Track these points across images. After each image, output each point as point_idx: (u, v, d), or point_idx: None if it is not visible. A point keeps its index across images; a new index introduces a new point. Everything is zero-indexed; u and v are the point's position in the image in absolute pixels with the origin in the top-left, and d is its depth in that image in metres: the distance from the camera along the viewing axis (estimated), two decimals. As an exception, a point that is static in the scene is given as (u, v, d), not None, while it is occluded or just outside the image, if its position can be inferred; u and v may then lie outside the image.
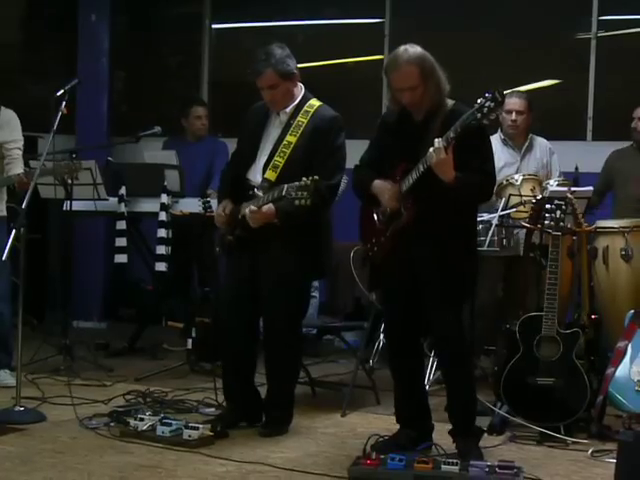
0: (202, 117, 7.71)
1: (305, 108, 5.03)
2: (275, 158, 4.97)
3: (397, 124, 4.68)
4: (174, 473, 4.41)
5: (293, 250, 4.97)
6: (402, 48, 4.53)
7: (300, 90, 5.09)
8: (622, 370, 5.17)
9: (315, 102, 5.08)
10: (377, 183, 4.64)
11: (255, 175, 5.05)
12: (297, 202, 4.65)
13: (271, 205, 4.84)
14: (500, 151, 6.47)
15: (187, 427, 4.84)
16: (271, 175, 4.96)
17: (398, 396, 4.88)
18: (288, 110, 5.03)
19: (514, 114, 6.44)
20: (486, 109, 4.25)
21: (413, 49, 4.52)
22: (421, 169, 4.43)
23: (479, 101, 4.27)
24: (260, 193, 4.90)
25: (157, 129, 6.67)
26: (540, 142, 6.64)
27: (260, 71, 4.92)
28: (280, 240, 4.93)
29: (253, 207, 4.87)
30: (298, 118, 5.01)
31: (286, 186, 4.71)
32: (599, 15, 8.02)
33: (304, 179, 4.66)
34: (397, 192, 4.56)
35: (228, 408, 5.25)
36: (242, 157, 5.14)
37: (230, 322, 5.17)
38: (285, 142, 4.98)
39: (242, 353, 5.16)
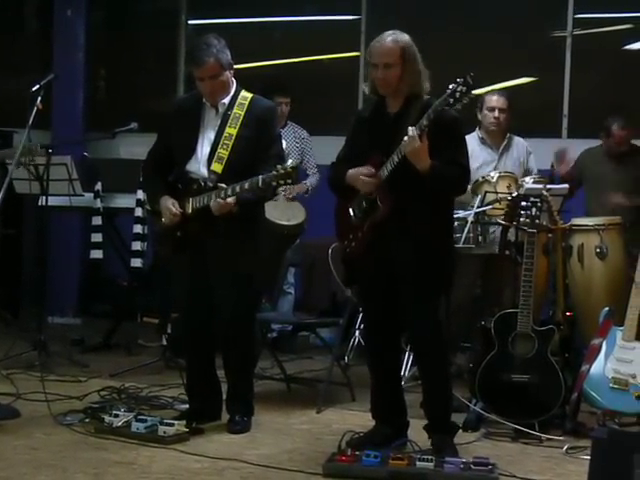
0: None
1: (239, 100, 5.06)
2: (219, 150, 4.99)
3: (372, 117, 4.69)
4: (149, 469, 4.40)
5: (243, 241, 5.00)
6: (391, 31, 4.57)
7: (234, 82, 5.10)
8: (596, 367, 5.18)
9: (247, 94, 5.11)
10: (350, 171, 4.64)
11: (198, 168, 5.04)
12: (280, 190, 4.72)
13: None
14: (478, 150, 6.47)
15: (162, 423, 4.83)
16: (217, 167, 4.98)
17: (374, 392, 4.89)
18: (225, 101, 5.05)
19: (497, 112, 6.43)
20: (458, 94, 4.27)
21: (403, 35, 4.57)
22: (396, 159, 4.44)
23: (451, 87, 4.29)
24: (223, 185, 4.89)
25: (133, 125, 6.64)
26: (518, 142, 6.64)
27: (204, 60, 4.92)
28: (231, 232, 4.94)
29: (219, 200, 4.87)
30: (234, 110, 5.04)
31: (261, 178, 4.76)
32: (575, 13, 8.06)
33: (280, 167, 4.73)
34: (372, 174, 4.55)
35: (191, 405, 5.27)
36: (178, 150, 5.11)
37: (187, 319, 5.22)
38: (226, 134, 5.01)
39: (201, 349, 5.20)
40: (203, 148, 5.05)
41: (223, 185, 4.88)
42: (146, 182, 5.50)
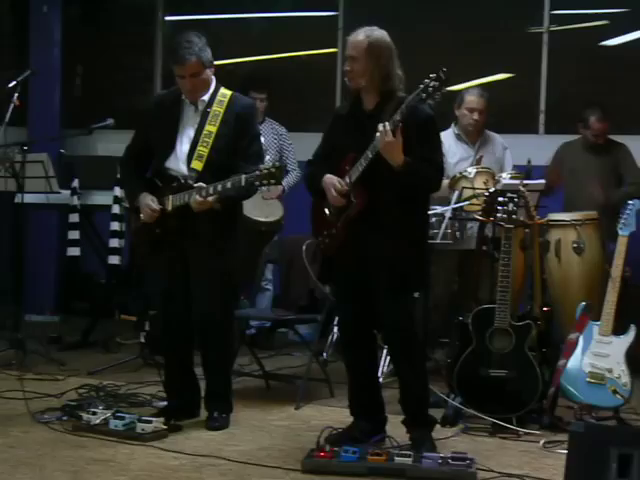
0: None
1: (218, 97, 5.06)
2: (199, 148, 4.99)
3: (348, 114, 4.71)
4: (127, 467, 4.39)
5: (221, 239, 5.01)
6: (370, 27, 4.58)
7: (213, 79, 5.10)
8: (574, 362, 5.22)
9: (226, 91, 5.12)
10: (326, 178, 4.65)
11: (178, 165, 5.04)
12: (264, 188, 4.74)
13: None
14: (454, 146, 6.51)
15: (140, 421, 4.82)
16: (197, 165, 4.98)
17: (352, 388, 4.89)
18: (205, 99, 5.05)
19: (476, 114, 6.46)
20: (431, 89, 4.29)
21: (378, 32, 4.57)
22: (369, 156, 4.44)
23: (424, 81, 4.30)
24: (202, 183, 4.88)
25: (110, 121, 6.61)
26: (494, 138, 6.67)
27: (186, 58, 4.92)
28: (209, 230, 4.95)
29: (199, 198, 4.86)
30: (214, 107, 5.04)
31: (244, 177, 4.77)
32: (551, 9, 8.08)
33: (263, 167, 4.75)
34: (344, 189, 4.57)
35: (169, 402, 5.27)
36: (157, 147, 5.11)
37: (164, 317, 5.22)
38: (206, 131, 5.01)
39: (179, 347, 5.20)
40: (182, 145, 5.04)
41: (203, 184, 4.88)
42: (124, 178, 5.49)
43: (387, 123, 4.34)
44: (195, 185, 4.90)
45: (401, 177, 4.41)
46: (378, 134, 4.36)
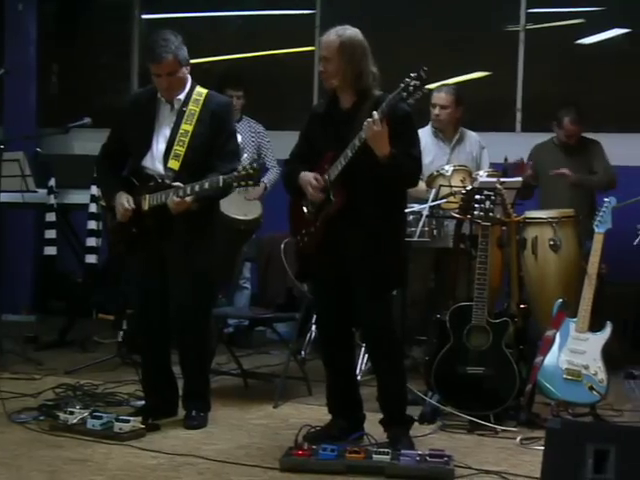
0: None
1: (194, 96, 5.05)
2: (175, 147, 4.98)
3: (325, 113, 4.70)
4: (105, 466, 4.37)
5: (199, 238, 5.00)
6: (342, 26, 4.58)
7: (189, 77, 5.09)
8: (550, 358, 5.24)
9: (202, 89, 5.11)
10: (302, 175, 4.65)
11: (154, 164, 5.03)
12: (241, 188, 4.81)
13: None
14: (430, 144, 6.52)
15: (118, 420, 4.81)
16: (174, 164, 4.97)
17: (330, 386, 4.90)
18: (181, 97, 5.04)
19: (437, 108, 6.51)
20: (412, 88, 4.30)
21: (350, 30, 4.57)
22: (349, 154, 4.44)
23: (405, 80, 4.31)
24: (179, 183, 4.87)
25: (86, 120, 6.59)
26: (470, 135, 6.69)
27: (162, 57, 4.90)
28: (186, 229, 4.94)
29: (177, 198, 4.85)
30: (190, 106, 5.03)
31: (221, 178, 4.77)
32: (527, 8, 8.11)
33: (241, 168, 4.76)
34: (321, 184, 4.57)
35: (147, 401, 5.26)
36: (134, 145, 5.10)
37: (142, 316, 5.21)
38: (182, 131, 5.00)
39: (156, 346, 5.19)
40: (159, 145, 5.03)
41: (180, 184, 4.86)
42: (100, 177, 5.47)
43: (376, 112, 4.35)
44: (173, 185, 4.89)
45: (385, 169, 4.41)
46: (365, 123, 4.36)
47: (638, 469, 3.55)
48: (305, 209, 4.71)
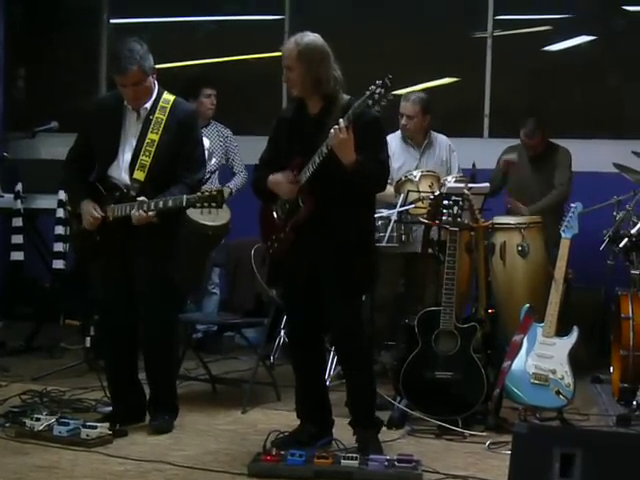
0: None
1: (161, 104, 5.04)
2: (141, 157, 4.97)
3: (293, 119, 4.71)
4: (71, 473, 4.35)
5: (164, 244, 5.00)
6: (302, 33, 4.58)
7: (155, 85, 5.07)
8: (518, 363, 5.26)
9: (168, 96, 5.10)
10: (271, 177, 4.65)
11: (120, 173, 5.02)
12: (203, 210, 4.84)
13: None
14: (400, 149, 6.55)
15: (85, 426, 4.78)
16: (140, 175, 4.97)
17: (299, 391, 4.90)
18: (147, 106, 5.02)
19: (405, 118, 6.54)
20: (377, 95, 4.31)
21: (309, 37, 4.57)
22: (317, 160, 4.45)
23: (370, 88, 4.32)
24: (143, 196, 4.87)
25: (54, 124, 6.56)
26: (440, 139, 6.71)
27: (127, 68, 4.88)
28: (151, 235, 4.92)
29: (141, 212, 4.83)
30: (156, 115, 5.01)
31: (185, 197, 4.80)
32: (495, 14, 8.16)
33: (205, 190, 4.81)
34: (292, 180, 4.57)
35: (114, 408, 5.23)
36: (99, 153, 5.08)
37: (106, 322, 5.20)
38: (148, 140, 4.98)
39: (121, 352, 5.17)
40: (125, 154, 5.01)
41: (145, 199, 4.85)
42: (67, 182, 5.43)
43: (342, 120, 4.35)
44: (138, 199, 4.87)
45: (351, 176, 4.41)
46: (332, 131, 4.37)
47: (603, 473, 3.56)
48: (275, 215, 4.71)
